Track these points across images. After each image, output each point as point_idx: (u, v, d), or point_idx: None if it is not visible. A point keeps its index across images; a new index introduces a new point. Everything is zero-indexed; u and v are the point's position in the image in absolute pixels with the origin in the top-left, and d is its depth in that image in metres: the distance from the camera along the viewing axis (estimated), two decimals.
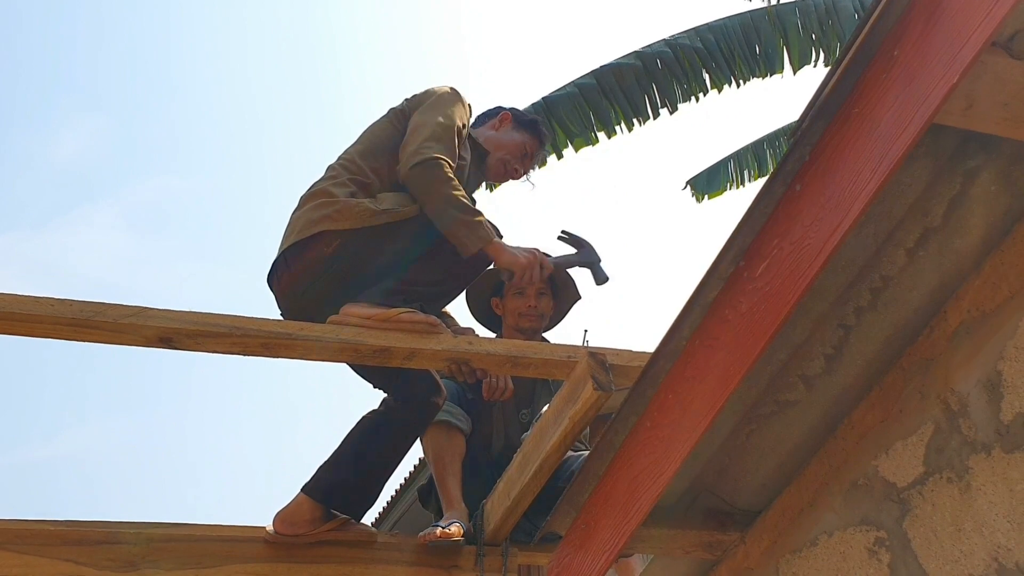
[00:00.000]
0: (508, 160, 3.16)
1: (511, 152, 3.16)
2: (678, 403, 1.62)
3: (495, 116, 3.24)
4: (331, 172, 2.90)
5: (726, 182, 7.71)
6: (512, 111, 3.26)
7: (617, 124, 6.43)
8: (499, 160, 3.14)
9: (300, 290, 2.74)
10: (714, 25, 6.52)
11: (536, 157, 3.27)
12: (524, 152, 3.19)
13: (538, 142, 3.26)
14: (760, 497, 1.83)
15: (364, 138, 2.98)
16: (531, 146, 3.21)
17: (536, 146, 3.25)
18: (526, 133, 3.21)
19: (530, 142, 3.21)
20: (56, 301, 2.33)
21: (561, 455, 2.60)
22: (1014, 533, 1.35)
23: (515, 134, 3.20)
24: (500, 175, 3.20)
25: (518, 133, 3.20)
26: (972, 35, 1.17)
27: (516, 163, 3.18)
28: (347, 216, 2.71)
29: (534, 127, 3.26)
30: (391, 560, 2.82)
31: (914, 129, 1.24)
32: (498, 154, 3.14)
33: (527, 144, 3.20)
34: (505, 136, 3.18)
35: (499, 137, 3.17)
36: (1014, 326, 1.38)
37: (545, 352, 2.62)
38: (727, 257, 1.52)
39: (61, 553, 2.56)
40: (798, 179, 1.42)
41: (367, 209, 2.72)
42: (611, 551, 1.77)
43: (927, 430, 1.51)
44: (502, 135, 3.18)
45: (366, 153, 2.90)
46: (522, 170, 3.22)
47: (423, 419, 2.88)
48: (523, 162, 3.20)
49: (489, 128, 3.19)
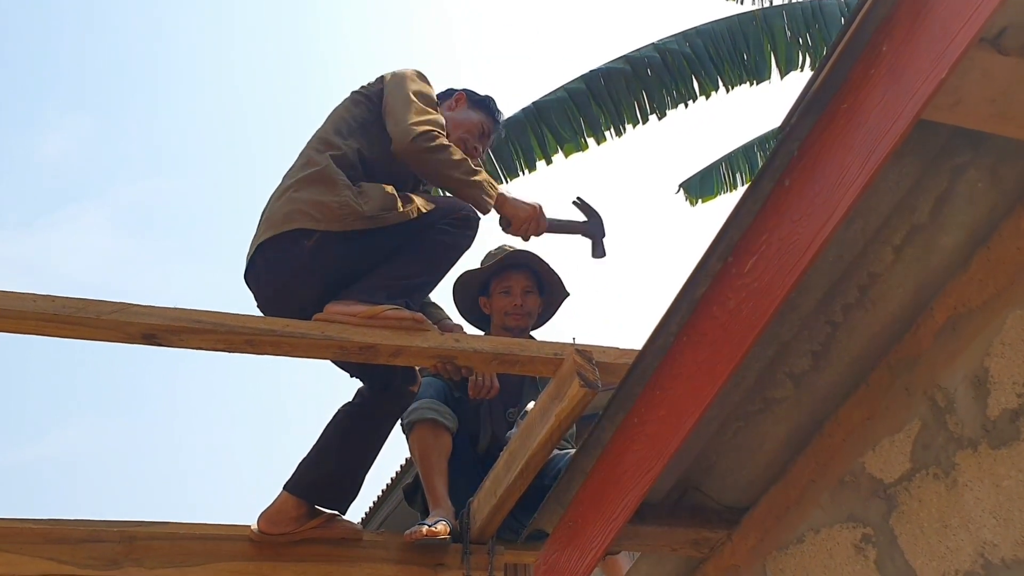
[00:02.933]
0: (467, 139, 3.12)
1: (469, 131, 3.14)
2: (665, 400, 1.62)
3: (450, 97, 3.20)
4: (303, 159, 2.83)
5: (719, 185, 7.74)
6: (466, 91, 3.23)
7: (607, 129, 6.44)
8: (459, 140, 3.08)
9: (279, 284, 2.70)
10: (702, 29, 6.54)
11: (493, 136, 3.26)
12: (481, 131, 3.17)
13: (493, 120, 3.24)
14: (747, 494, 1.83)
15: (331, 119, 2.95)
16: (487, 125, 3.20)
17: (492, 125, 3.22)
18: (481, 112, 3.19)
19: (486, 121, 3.19)
20: (39, 297, 2.31)
21: (547, 453, 2.59)
22: (1000, 529, 1.35)
23: (471, 113, 3.18)
24: None
25: (474, 112, 3.18)
26: (960, 31, 1.17)
27: (475, 142, 3.15)
28: (331, 217, 2.64)
29: (488, 105, 3.24)
30: (376, 558, 2.81)
31: (901, 125, 1.24)
32: (457, 133, 3.09)
33: (484, 123, 3.18)
34: (461, 115, 3.16)
35: (455, 117, 3.13)
36: (1000, 322, 1.39)
37: (532, 349, 2.62)
38: (715, 253, 1.52)
39: (43, 552, 2.54)
40: (786, 175, 1.42)
41: (353, 212, 2.65)
42: (598, 549, 1.76)
43: (914, 426, 1.51)
44: (458, 115, 3.15)
45: (337, 132, 2.86)
46: (480, 148, 3.21)
47: (398, 408, 2.89)
48: (481, 141, 3.19)
49: (446, 109, 3.14)
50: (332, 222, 2.64)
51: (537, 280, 3.36)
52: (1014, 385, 1.35)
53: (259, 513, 2.75)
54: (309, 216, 2.65)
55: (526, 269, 3.35)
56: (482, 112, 3.20)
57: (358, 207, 2.66)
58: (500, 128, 3.30)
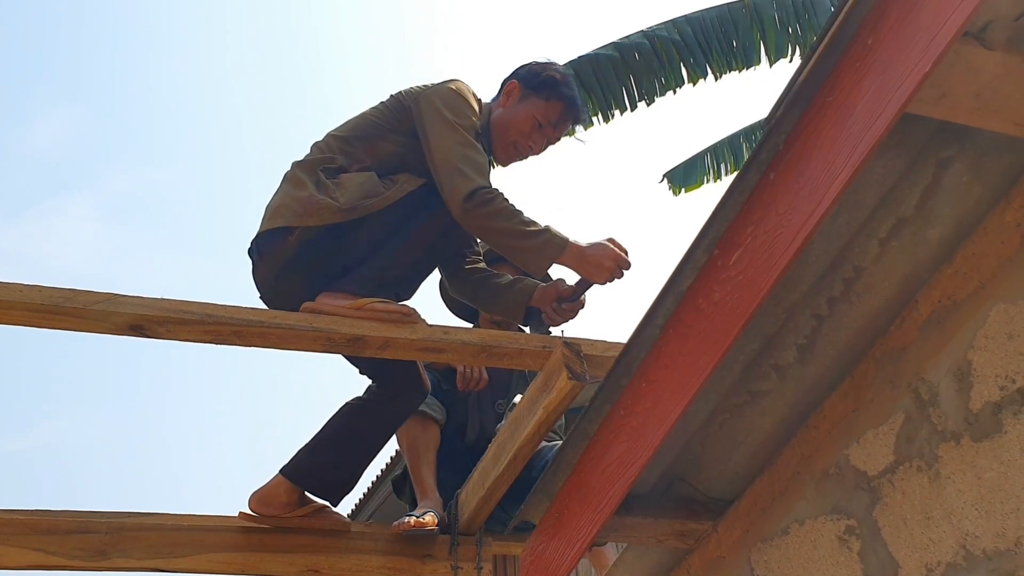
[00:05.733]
0: (516, 141, 2.78)
1: (519, 130, 2.76)
2: (651, 391, 1.62)
3: (504, 87, 2.83)
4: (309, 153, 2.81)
5: (703, 175, 7.73)
6: (521, 77, 2.79)
7: (595, 115, 6.43)
8: (507, 144, 2.79)
9: (271, 279, 2.70)
10: (692, 17, 6.54)
11: (561, 122, 2.78)
12: (535, 124, 2.75)
13: (558, 103, 2.75)
14: (733, 486, 1.84)
15: (350, 122, 2.83)
16: (547, 113, 2.75)
17: (555, 110, 2.75)
18: (537, 99, 2.75)
19: (543, 109, 2.75)
20: (26, 287, 2.30)
21: (535, 445, 2.60)
22: (982, 521, 1.36)
23: (522, 107, 2.77)
24: (511, 158, 2.84)
25: (526, 103, 2.76)
26: (945, 25, 1.17)
27: (528, 140, 2.78)
28: (308, 212, 2.61)
29: (548, 88, 2.75)
30: (364, 549, 2.81)
31: (887, 117, 1.24)
32: (507, 137, 2.77)
33: (537, 114, 2.75)
34: (511, 113, 2.77)
35: (505, 115, 2.77)
36: (984, 316, 1.39)
37: (520, 342, 2.62)
38: (701, 246, 1.52)
39: (31, 542, 2.53)
40: (772, 167, 1.42)
41: (328, 206, 2.59)
42: (584, 539, 1.77)
43: (897, 419, 1.52)
44: (508, 112, 2.78)
45: (343, 137, 2.79)
46: (539, 144, 2.80)
47: (405, 411, 2.87)
48: (539, 134, 2.77)
49: (498, 106, 2.80)
50: (309, 217, 2.61)
51: (524, 272, 3.35)
52: (997, 378, 1.36)
53: (251, 493, 2.76)
54: (291, 211, 2.64)
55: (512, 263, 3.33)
56: (538, 98, 2.77)
57: (333, 201, 2.60)
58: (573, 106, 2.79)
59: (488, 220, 2.55)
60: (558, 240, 2.58)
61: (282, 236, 2.64)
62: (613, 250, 2.61)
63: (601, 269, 2.60)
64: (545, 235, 2.57)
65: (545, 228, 2.59)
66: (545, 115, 2.78)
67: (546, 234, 2.57)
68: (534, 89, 2.78)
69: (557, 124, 2.80)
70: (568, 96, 2.81)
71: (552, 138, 2.82)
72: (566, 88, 2.81)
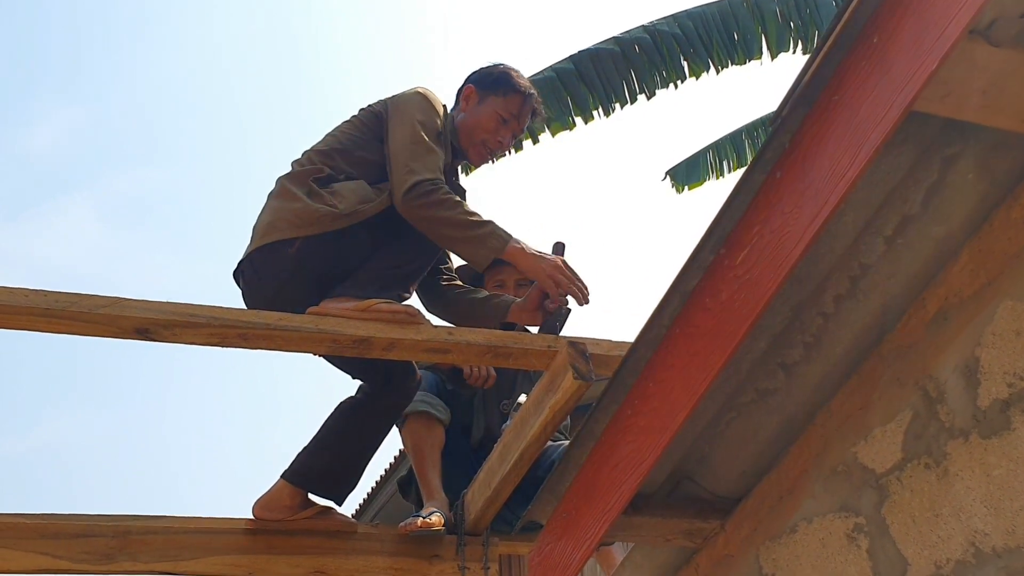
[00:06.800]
0: (485, 140, 2.87)
1: (485, 128, 2.86)
2: (659, 391, 1.62)
3: (460, 93, 2.95)
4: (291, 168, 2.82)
5: (705, 173, 7.72)
6: (475, 80, 2.92)
7: (595, 108, 6.40)
8: (476, 145, 2.89)
9: (271, 295, 2.66)
10: (692, 11, 6.53)
11: (522, 113, 2.88)
12: (499, 120, 2.86)
13: (515, 96, 2.87)
14: (740, 485, 1.84)
15: (326, 138, 2.87)
16: (507, 107, 2.86)
17: (514, 103, 2.87)
18: (496, 97, 2.87)
19: (503, 104, 2.86)
20: (30, 292, 2.30)
21: (541, 445, 2.60)
22: (991, 518, 1.36)
23: (483, 107, 2.87)
24: (484, 157, 2.93)
25: (486, 103, 2.87)
26: (951, 22, 1.17)
27: (495, 137, 2.87)
28: (308, 221, 2.63)
29: (502, 84, 2.87)
30: (371, 551, 2.82)
31: (893, 116, 1.24)
32: (475, 138, 2.87)
33: (499, 110, 2.86)
34: (474, 114, 2.88)
35: (468, 119, 2.88)
36: (991, 312, 1.39)
37: (525, 342, 2.62)
38: (707, 245, 1.52)
39: (37, 546, 2.54)
40: (778, 167, 1.42)
41: (328, 213, 2.62)
42: (592, 539, 1.77)
43: (905, 416, 1.52)
44: (471, 115, 2.88)
45: (323, 151, 2.81)
46: (508, 138, 2.90)
47: (400, 403, 2.89)
48: (505, 129, 2.87)
49: (460, 112, 2.92)
50: (310, 226, 2.63)
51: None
52: (1005, 375, 1.36)
53: (255, 500, 2.77)
54: (288, 223, 2.66)
55: None
56: (496, 95, 2.87)
57: (333, 208, 2.64)
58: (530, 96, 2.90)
59: (428, 210, 2.60)
60: (501, 233, 2.64)
61: (282, 249, 2.65)
62: (556, 260, 2.67)
63: (541, 271, 2.66)
64: (489, 227, 2.63)
65: (488, 221, 2.65)
66: (506, 109, 2.88)
67: (490, 226, 2.64)
68: (490, 88, 2.89)
69: (519, 116, 2.90)
70: (523, 87, 2.91)
71: (517, 131, 2.93)
72: (520, 80, 2.92)
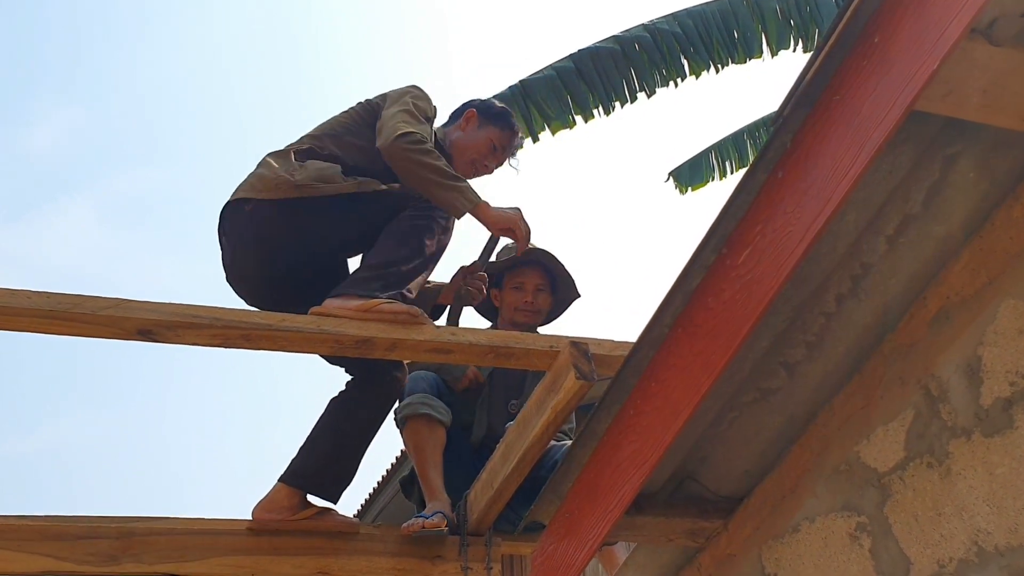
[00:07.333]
0: (476, 160, 3.15)
1: (479, 152, 3.14)
2: (661, 391, 1.63)
3: (461, 116, 3.20)
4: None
5: (708, 174, 7.71)
6: (478, 107, 3.21)
7: (595, 107, 6.39)
8: (468, 162, 3.13)
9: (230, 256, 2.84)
10: (692, 10, 6.53)
11: (509, 148, 3.23)
12: (492, 147, 3.16)
13: (509, 132, 3.21)
14: (742, 484, 1.84)
15: (321, 124, 3.02)
16: (501, 139, 3.17)
17: (507, 138, 3.20)
18: (493, 127, 3.18)
19: (498, 136, 3.17)
20: (33, 293, 2.31)
21: (544, 445, 2.60)
22: (994, 517, 1.36)
23: (481, 132, 3.16)
24: (468, 176, 3.14)
25: (484, 129, 3.16)
26: (952, 21, 1.17)
27: (485, 160, 3.15)
28: (266, 186, 2.78)
29: (502, 119, 3.21)
30: (374, 551, 2.82)
31: (894, 116, 1.24)
32: (466, 156, 3.12)
33: (494, 139, 3.16)
34: (471, 136, 3.16)
35: (465, 138, 3.15)
36: (993, 311, 1.39)
37: (527, 342, 2.62)
38: (709, 245, 1.52)
39: (41, 548, 2.54)
40: (780, 166, 1.42)
41: (284, 181, 2.75)
42: (595, 539, 1.77)
43: (908, 416, 1.52)
44: (468, 136, 3.16)
45: (315, 135, 2.96)
46: (493, 165, 3.20)
47: (387, 394, 2.91)
48: (493, 157, 3.18)
49: (456, 129, 3.17)
50: (265, 191, 2.77)
51: (551, 278, 3.37)
52: (1007, 374, 1.36)
53: (255, 504, 2.78)
54: (251, 186, 2.82)
55: (540, 267, 3.36)
56: (494, 126, 3.17)
57: (289, 176, 2.77)
58: (518, 139, 3.25)
59: (417, 155, 2.77)
60: (476, 192, 2.83)
61: (240, 208, 2.81)
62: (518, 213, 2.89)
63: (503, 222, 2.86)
64: (466, 183, 2.83)
65: (465, 181, 2.85)
66: (500, 141, 3.19)
67: (466, 183, 2.84)
68: (491, 118, 3.20)
69: (507, 149, 3.22)
70: (516, 128, 3.29)
71: (501, 161, 3.23)
72: (515, 121, 3.30)
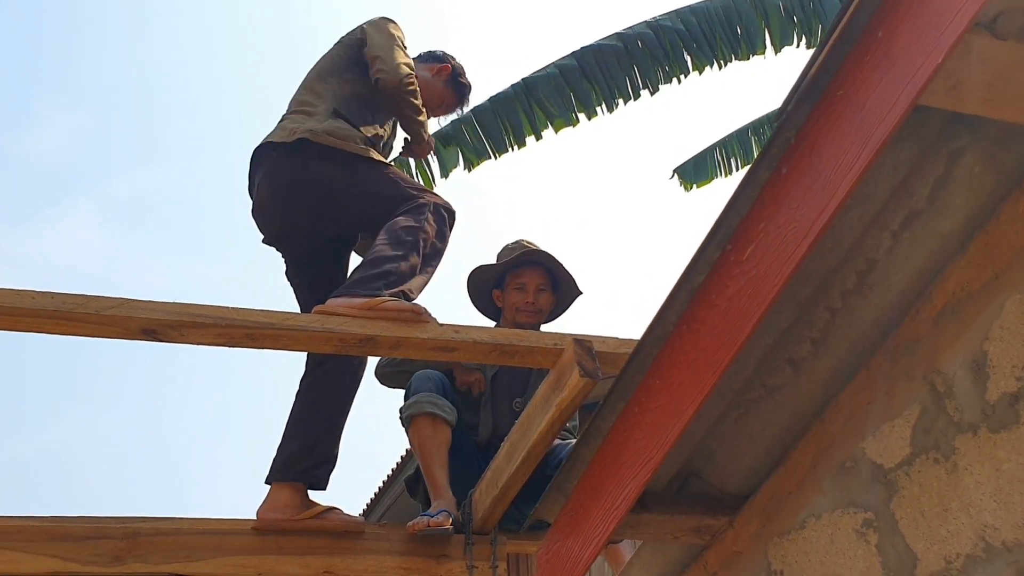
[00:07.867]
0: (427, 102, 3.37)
1: (433, 100, 3.42)
2: (666, 388, 1.62)
3: (435, 61, 3.48)
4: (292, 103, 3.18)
5: (713, 171, 7.69)
6: (454, 68, 3.49)
7: (598, 104, 6.36)
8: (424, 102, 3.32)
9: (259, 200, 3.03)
10: (695, 6, 6.51)
11: (448, 113, 3.61)
12: (442, 103, 3.49)
13: (458, 105, 3.57)
14: (748, 481, 1.83)
15: (314, 68, 3.25)
16: (451, 104, 3.52)
17: (454, 107, 3.57)
18: (453, 94, 3.49)
19: (452, 102, 3.51)
20: (37, 294, 2.31)
21: (548, 443, 2.60)
22: (1000, 512, 1.36)
23: (446, 89, 3.46)
24: None
25: (448, 88, 3.47)
26: (956, 15, 1.17)
27: (440, 110, 3.51)
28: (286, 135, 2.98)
29: (462, 92, 3.52)
30: (380, 550, 2.82)
31: (899, 110, 1.24)
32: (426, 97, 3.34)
33: (448, 100, 3.49)
34: (436, 84, 3.45)
35: (434, 83, 3.43)
36: (999, 306, 1.39)
37: (531, 340, 2.62)
38: (714, 241, 1.52)
39: (47, 549, 2.54)
40: (784, 162, 1.42)
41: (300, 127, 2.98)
42: (600, 537, 1.77)
43: (914, 411, 1.51)
44: (436, 84, 3.45)
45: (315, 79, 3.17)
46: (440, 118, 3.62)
47: (351, 365, 2.93)
48: (439, 110, 3.52)
49: (426, 69, 3.42)
50: (287, 135, 2.99)
51: (552, 278, 3.38)
52: (1013, 369, 1.36)
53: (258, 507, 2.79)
54: (277, 134, 3.05)
55: (541, 267, 3.37)
56: (455, 94, 3.49)
57: (303, 123, 3.00)
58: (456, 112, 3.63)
59: (412, 98, 3.13)
60: None
61: (269, 151, 3.04)
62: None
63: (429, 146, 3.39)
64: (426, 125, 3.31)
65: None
66: (450, 105, 3.55)
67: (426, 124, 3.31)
68: (456, 87, 3.52)
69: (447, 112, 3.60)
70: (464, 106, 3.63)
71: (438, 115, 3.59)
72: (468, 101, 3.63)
